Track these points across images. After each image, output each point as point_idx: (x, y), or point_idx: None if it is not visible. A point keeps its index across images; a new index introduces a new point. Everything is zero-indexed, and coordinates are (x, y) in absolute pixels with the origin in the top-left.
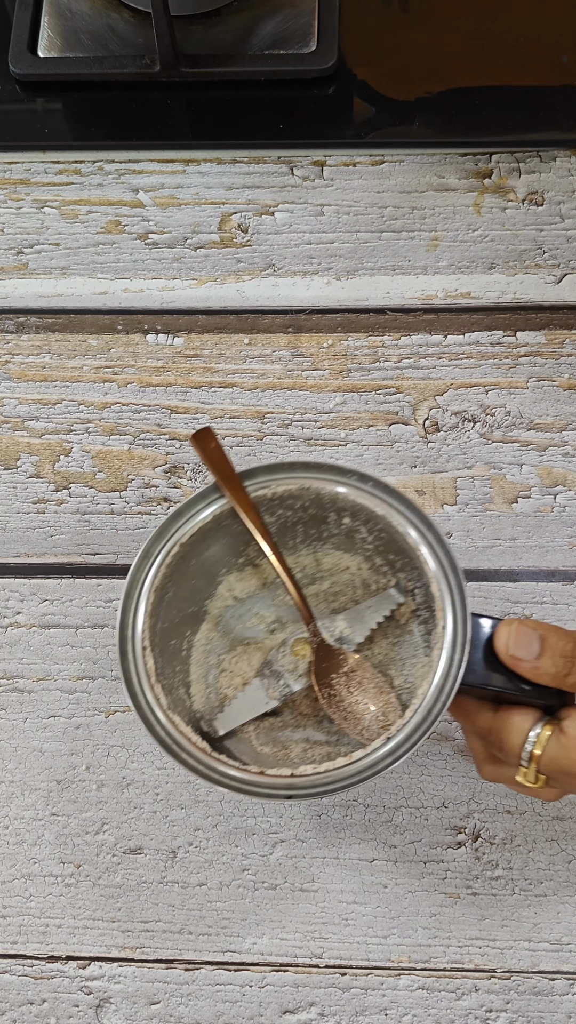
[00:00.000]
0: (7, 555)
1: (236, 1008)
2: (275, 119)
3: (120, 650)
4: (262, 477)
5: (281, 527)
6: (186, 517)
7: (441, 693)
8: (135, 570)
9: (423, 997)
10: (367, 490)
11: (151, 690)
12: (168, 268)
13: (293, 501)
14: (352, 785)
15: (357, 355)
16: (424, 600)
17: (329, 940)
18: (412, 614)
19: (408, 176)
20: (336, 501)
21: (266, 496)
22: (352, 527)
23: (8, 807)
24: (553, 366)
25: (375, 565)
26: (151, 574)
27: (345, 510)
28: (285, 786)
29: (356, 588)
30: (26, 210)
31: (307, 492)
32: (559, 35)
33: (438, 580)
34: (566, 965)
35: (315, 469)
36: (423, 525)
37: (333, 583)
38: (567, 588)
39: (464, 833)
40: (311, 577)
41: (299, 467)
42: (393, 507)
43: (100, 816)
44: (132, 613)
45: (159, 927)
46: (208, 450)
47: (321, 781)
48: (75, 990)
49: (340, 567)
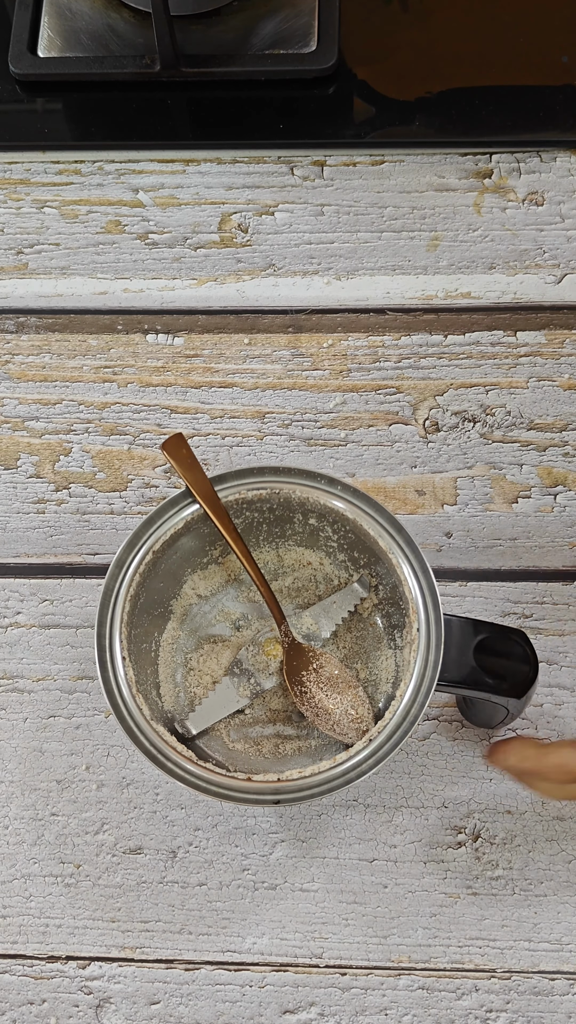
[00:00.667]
0: (7, 555)
1: (236, 1008)
2: (275, 119)
3: (99, 661)
4: (233, 482)
5: (246, 527)
6: (157, 524)
7: (418, 694)
8: (109, 579)
9: (423, 997)
10: (336, 493)
11: (133, 700)
12: (168, 268)
13: (262, 504)
14: (338, 788)
15: (357, 355)
16: (389, 595)
17: (329, 940)
18: (375, 608)
19: (408, 176)
20: (305, 504)
21: (237, 500)
22: (317, 527)
23: (8, 807)
24: (553, 366)
25: (337, 560)
26: (125, 583)
27: (312, 512)
28: (272, 791)
29: (318, 583)
30: (26, 210)
31: (277, 496)
32: (559, 35)
33: (410, 582)
34: (566, 965)
35: (285, 474)
36: (393, 528)
37: (296, 578)
38: (567, 588)
39: (464, 833)
40: (273, 573)
41: (269, 471)
42: (362, 510)
43: (100, 816)
44: (108, 624)
45: (159, 927)
46: (179, 456)
47: (308, 785)
48: (75, 990)
49: (302, 562)
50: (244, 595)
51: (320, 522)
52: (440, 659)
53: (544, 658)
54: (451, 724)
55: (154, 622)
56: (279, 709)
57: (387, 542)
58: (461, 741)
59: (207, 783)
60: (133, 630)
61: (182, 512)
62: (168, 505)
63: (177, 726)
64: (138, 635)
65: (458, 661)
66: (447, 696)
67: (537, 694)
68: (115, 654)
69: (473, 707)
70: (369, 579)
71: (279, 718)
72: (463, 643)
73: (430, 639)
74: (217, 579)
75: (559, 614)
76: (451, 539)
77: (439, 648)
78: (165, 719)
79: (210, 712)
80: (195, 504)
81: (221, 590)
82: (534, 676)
